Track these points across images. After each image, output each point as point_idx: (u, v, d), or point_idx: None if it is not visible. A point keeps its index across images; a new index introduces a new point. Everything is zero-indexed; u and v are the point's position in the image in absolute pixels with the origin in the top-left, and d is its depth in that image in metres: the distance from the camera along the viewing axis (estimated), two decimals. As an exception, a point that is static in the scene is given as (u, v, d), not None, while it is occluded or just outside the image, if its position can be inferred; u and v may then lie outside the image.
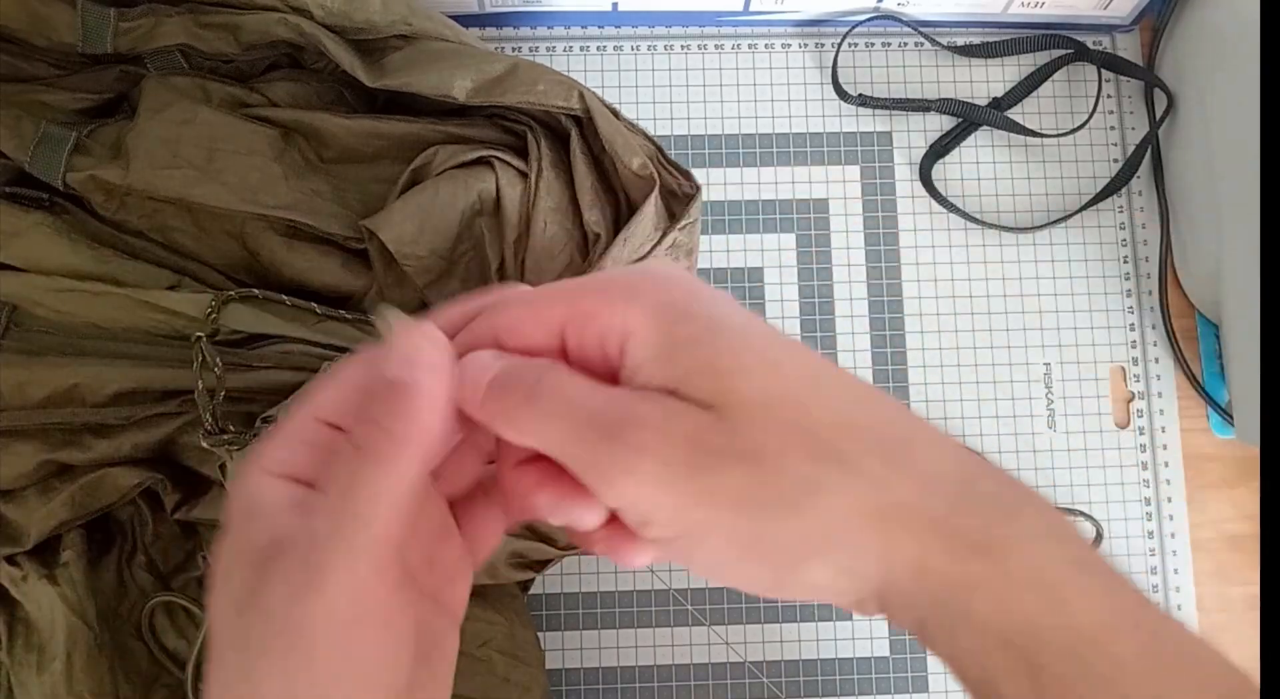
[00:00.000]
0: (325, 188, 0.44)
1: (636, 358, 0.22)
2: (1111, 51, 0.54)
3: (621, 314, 0.22)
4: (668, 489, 0.21)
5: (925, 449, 0.22)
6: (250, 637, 0.21)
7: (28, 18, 0.41)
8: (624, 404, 0.21)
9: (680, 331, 0.22)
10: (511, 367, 0.23)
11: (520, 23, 0.52)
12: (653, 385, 0.22)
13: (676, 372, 0.21)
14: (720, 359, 0.21)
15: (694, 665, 0.47)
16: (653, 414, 0.21)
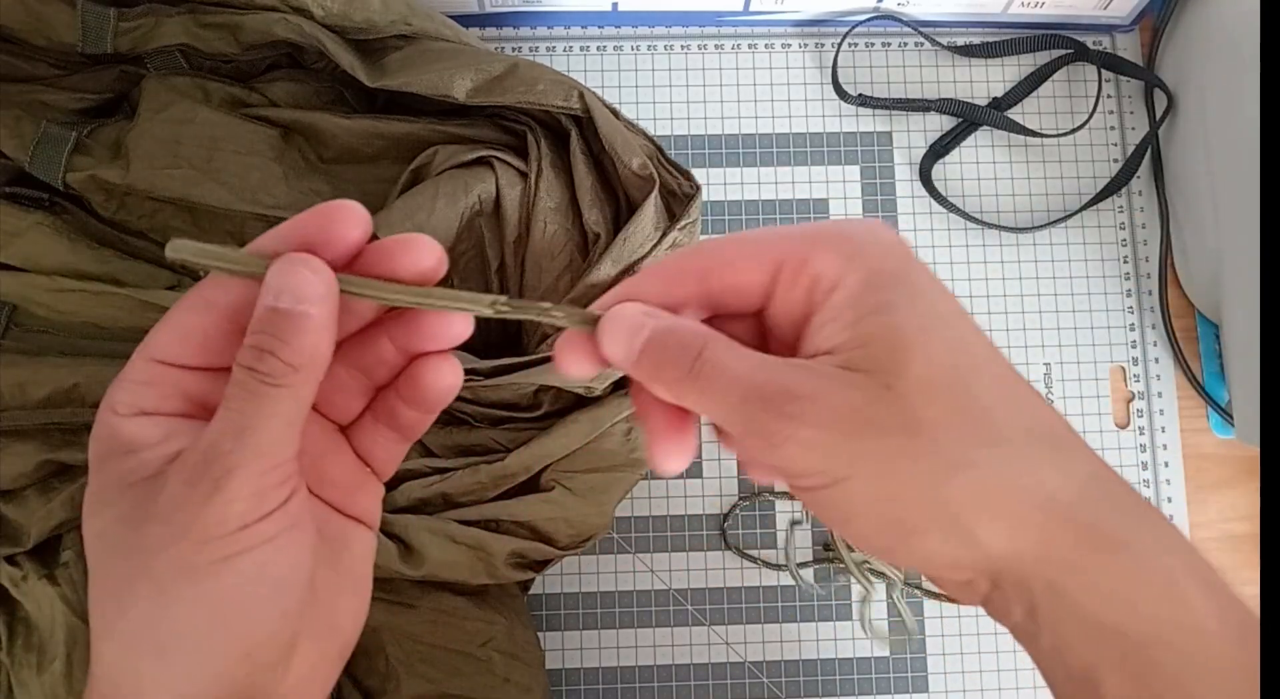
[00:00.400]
0: (325, 188, 0.44)
1: (834, 308, 0.23)
2: (1111, 51, 0.54)
3: (839, 267, 0.23)
4: (823, 452, 0.22)
5: (1069, 449, 0.23)
6: (146, 545, 0.22)
7: (28, 18, 0.41)
8: (787, 376, 0.22)
9: (880, 298, 0.23)
10: (669, 332, 0.24)
11: (520, 23, 0.52)
12: (834, 341, 0.23)
13: (860, 333, 0.22)
14: (904, 334, 0.22)
15: (694, 665, 0.47)
16: (815, 386, 0.22)
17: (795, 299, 0.24)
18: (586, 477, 0.42)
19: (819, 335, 0.23)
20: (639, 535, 0.48)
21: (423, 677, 0.41)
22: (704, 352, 0.23)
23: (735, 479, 0.49)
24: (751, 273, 0.24)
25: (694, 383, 0.23)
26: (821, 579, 0.48)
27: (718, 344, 0.23)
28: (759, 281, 0.24)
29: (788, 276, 0.24)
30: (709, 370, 0.23)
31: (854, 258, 0.23)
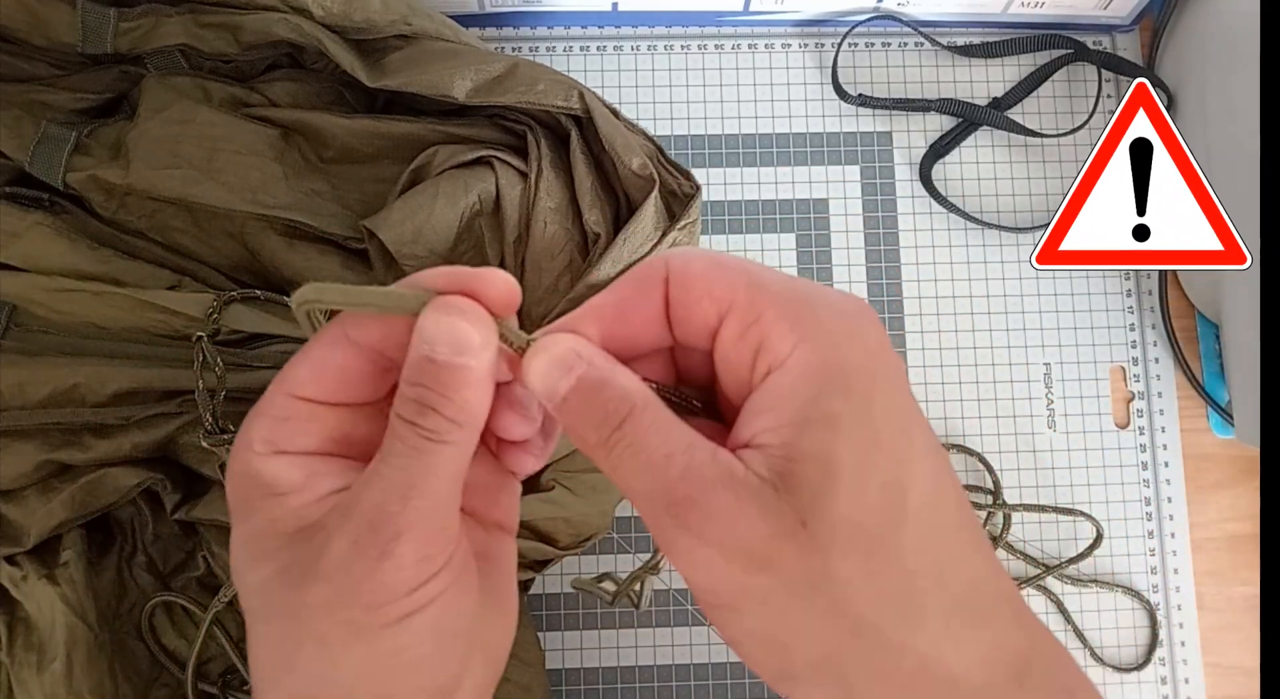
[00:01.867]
0: (325, 188, 0.44)
1: (774, 397, 0.21)
2: (1111, 51, 0.54)
3: (790, 342, 0.21)
4: (717, 577, 0.21)
5: (997, 623, 0.21)
6: (311, 606, 0.21)
7: (28, 18, 0.41)
8: (701, 480, 0.20)
9: (824, 407, 0.20)
10: (596, 388, 0.22)
11: (520, 23, 0.52)
12: (766, 440, 0.21)
13: (793, 445, 0.20)
14: (837, 465, 0.20)
15: (694, 665, 0.47)
16: (726, 503, 0.20)
17: (738, 358, 0.22)
18: (586, 477, 0.42)
19: (755, 420, 0.21)
20: (639, 535, 0.48)
21: (423, 677, 0.41)
22: (625, 424, 0.21)
23: (735, 479, 0.49)
24: (704, 302, 0.22)
25: (606, 454, 0.21)
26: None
27: (642, 418, 0.21)
28: (709, 318, 0.22)
29: (734, 328, 0.22)
30: (624, 448, 0.21)
31: (810, 337, 0.21)
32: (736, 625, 0.21)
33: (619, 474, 0.21)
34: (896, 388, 0.21)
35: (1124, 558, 0.50)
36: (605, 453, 0.21)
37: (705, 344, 0.23)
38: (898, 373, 0.22)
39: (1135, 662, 0.49)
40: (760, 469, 0.20)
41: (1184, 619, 0.49)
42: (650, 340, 0.24)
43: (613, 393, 0.22)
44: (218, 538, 0.42)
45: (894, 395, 0.21)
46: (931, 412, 0.50)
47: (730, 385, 0.23)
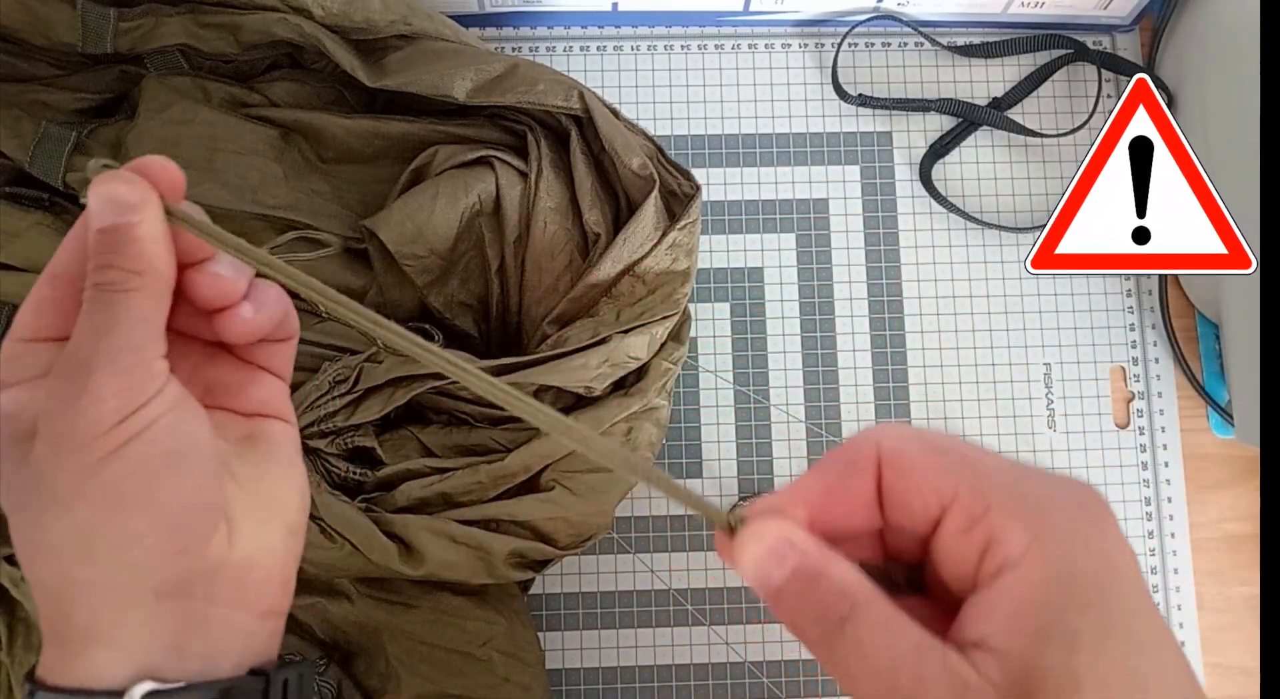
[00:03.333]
0: (325, 188, 0.44)
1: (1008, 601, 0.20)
2: (1111, 51, 0.54)
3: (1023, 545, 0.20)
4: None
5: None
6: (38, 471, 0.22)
7: (28, 18, 0.41)
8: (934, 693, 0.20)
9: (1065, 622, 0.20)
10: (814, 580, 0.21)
11: (520, 23, 0.52)
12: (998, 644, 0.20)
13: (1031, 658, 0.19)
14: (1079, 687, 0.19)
15: (694, 665, 0.47)
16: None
17: (963, 551, 0.21)
18: (586, 477, 0.42)
19: (985, 622, 0.20)
20: (639, 535, 0.48)
21: (423, 677, 0.41)
22: (847, 624, 0.20)
23: (735, 479, 0.49)
24: (925, 489, 0.22)
25: (829, 652, 0.21)
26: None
27: (866, 615, 0.20)
28: (930, 506, 0.22)
29: (959, 521, 0.21)
30: (848, 650, 0.20)
31: (1044, 539, 0.20)
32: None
33: (841, 673, 0.21)
34: (1137, 596, 0.21)
35: (1124, 558, 0.50)
36: (828, 651, 0.21)
37: (924, 531, 0.22)
38: (1135, 576, 0.21)
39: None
40: (994, 676, 0.20)
41: (1184, 619, 0.49)
42: (860, 522, 0.23)
43: (831, 587, 0.21)
44: None
45: (1135, 605, 0.20)
46: (932, 412, 0.50)
47: (949, 572, 0.22)
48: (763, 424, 0.49)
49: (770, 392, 0.50)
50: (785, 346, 0.50)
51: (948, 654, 0.20)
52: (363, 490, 0.42)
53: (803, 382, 0.50)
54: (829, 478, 0.23)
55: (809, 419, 0.49)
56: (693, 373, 0.50)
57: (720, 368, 0.50)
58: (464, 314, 0.45)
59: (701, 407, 0.49)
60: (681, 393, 0.49)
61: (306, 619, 0.42)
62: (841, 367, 0.50)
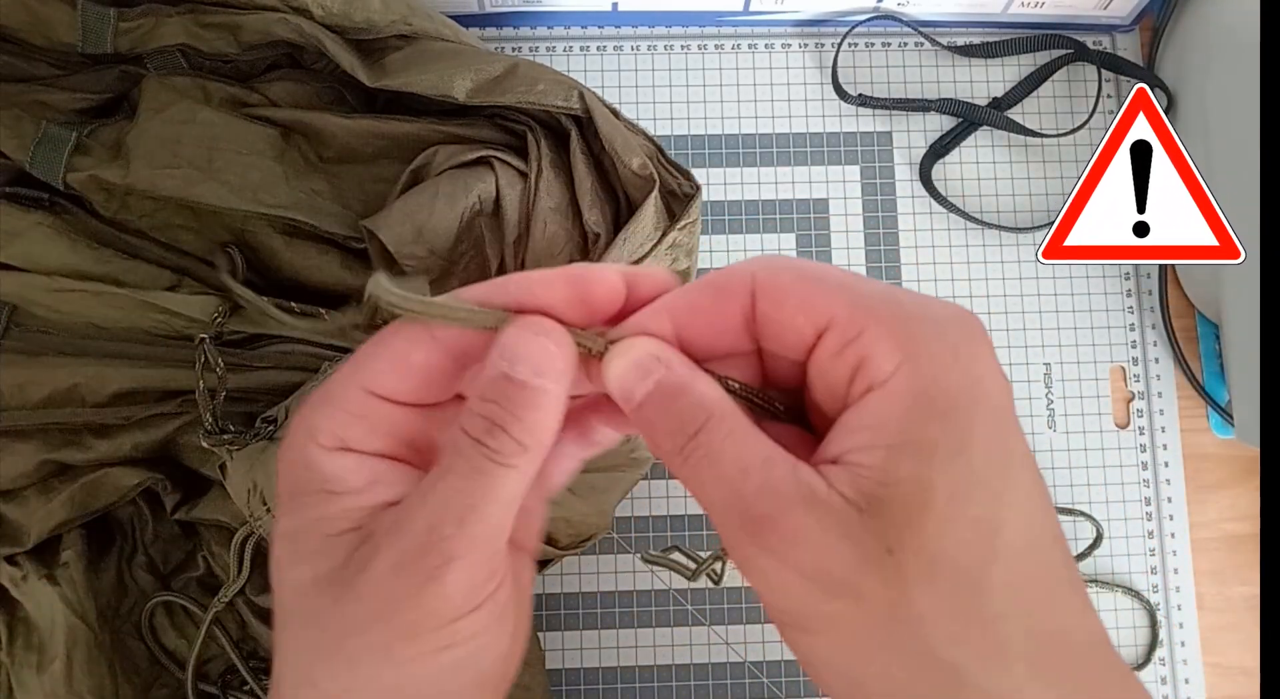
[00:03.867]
0: (325, 187, 0.44)
1: (871, 417, 0.20)
2: (1111, 51, 0.54)
3: (893, 361, 0.20)
4: (792, 599, 0.20)
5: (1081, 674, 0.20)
6: (345, 622, 0.20)
7: (28, 18, 0.41)
8: (781, 498, 0.19)
9: (923, 434, 0.19)
10: (674, 393, 0.21)
11: (520, 23, 0.52)
12: (857, 459, 0.20)
13: (887, 470, 0.19)
14: (932, 496, 0.19)
15: (694, 665, 0.47)
16: (807, 525, 0.19)
17: (835, 374, 0.21)
18: (586, 477, 0.42)
19: (847, 437, 0.20)
20: (639, 536, 0.48)
21: (423, 677, 0.41)
22: (700, 433, 0.21)
23: (735, 479, 0.49)
24: (798, 318, 0.21)
25: (681, 463, 0.21)
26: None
27: (719, 427, 0.21)
28: (803, 333, 0.21)
29: (832, 344, 0.21)
30: (699, 458, 0.20)
31: (914, 357, 0.20)
32: (809, 648, 0.21)
33: (694, 485, 0.21)
34: (1001, 418, 0.20)
35: (1124, 558, 0.50)
36: (680, 461, 0.21)
37: (798, 356, 0.22)
38: (1003, 400, 0.20)
39: (1135, 662, 0.49)
40: (845, 489, 0.19)
41: (1184, 619, 0.49)
42: (727, 345, 0.23)
43: (689, 400, 0.21)
44: (218, 538, 0.42)
45: (997, 426, 0.20)
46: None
47: (823, 396, 0.22)
48: (763, 424, 0.49)
49: (770, 392, 0.49)
50: (785, 346, 0.50)
51: (799, 467, 0.20)
52: (363, 490, 0.42)
53: (803, 382, 0.50)
54: (696, 299, 0.22)
55: (809, 419, 0.49)
56: (693, 373, 0.49)
57: (720, 368, 0.50)
58: (464, 314, 0.45)
59: (701, 407, 0.49)
60: (681, 393, 0.49)
61: (306, 619, 0.42)
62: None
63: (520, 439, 0.20)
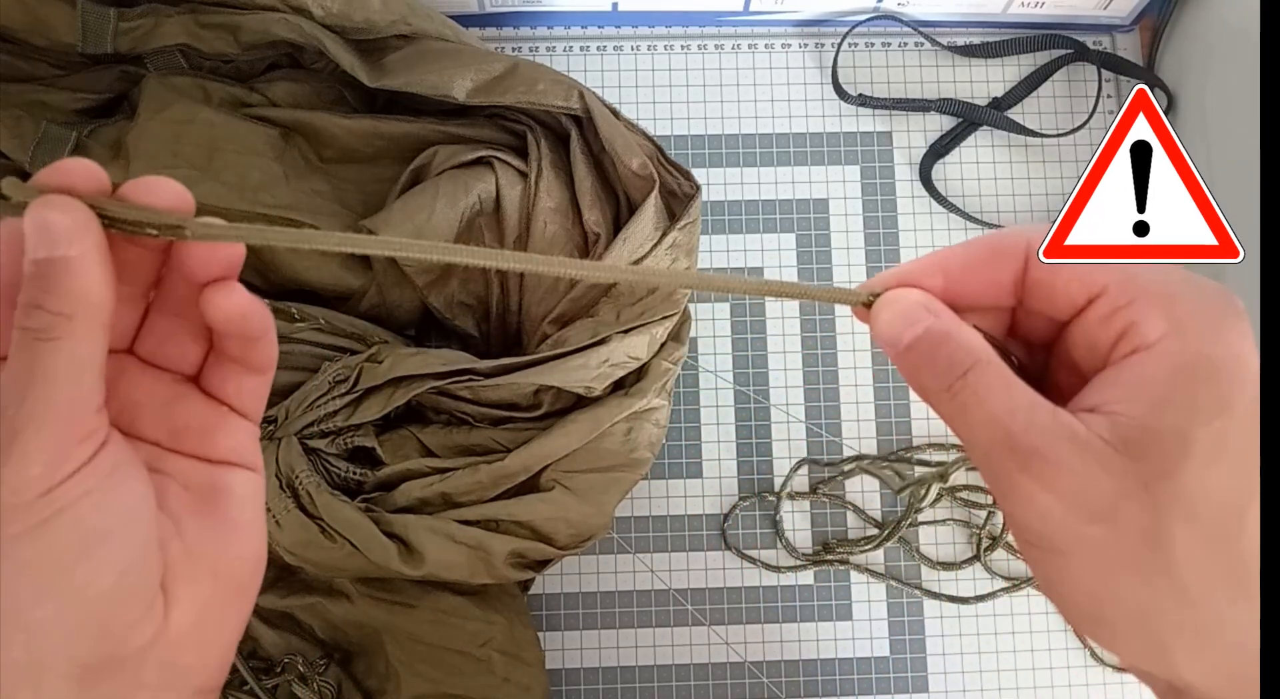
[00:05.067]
0: (325, 187, 0.44)
1: (1136, 375, 0.22)
2: (1111, 51, 0.54)
3: (1160, 331, 0.22)
4: (1052, 523, 0.21)
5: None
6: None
7: (28, 18, 0.41)
8: (1045, 433, 0.21)
9: (1187, 393, 0.21)
10: (941, 340, 0.23)
11: (520, 23, 0.52)
12: (1118, 408, 0.21)
13: (1150, 419, 0.21)
14: (1193, 447, 0.21)
15: (694, 665, 0.47)
16: (1070, 456, 0.21)
17: (1100, 336, 0.23)
18: (586, 476, 0.42)
19: (1106, 391, 0.22)
20: (639, 535, 0.48)
21: (423, 677, 0.41)
22: (969, 374, 0.23)
23: (735, 479, 0.49)
24: (1072, 285, 0.23)
25: (950, 402, 0.23)
26: (821, 579, 0.48)
27: (986, 371, 0.23)
28: (1075, 299, 0.23)
29: (1102, 310, 0.23)
30: (966, 397, 0.22)
31: (1181, 327, 0.22)
32: (1060, 569, 0.22)
33: (959, 419, 0.23)
34: (1254, 393, 0.22)
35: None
36: (949, 398, 0.23)
37: (1062, 317, 0.24)
38: (1254, 382, 0.22)
39: (1135, 662, 0.49)
40: (1101, 431, 0.21)
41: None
42: (988, 301, 0.25)
43: (957, 346, 0.23)
44: None
45: (1251, 399, 0.22)
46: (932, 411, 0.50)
47: (1082, 354, 0.24)
48: (763, 424, 0.49)
49: (770, 392, 0.49)
50: (785, 347, 0.50)
51: (1058, 410, 0.22)
52: (363, 490, 0.42)
53: (803, 382, 0.50)
54: (972, 257, 0.25)
55: (809, 419, 0.49)
56: (693, 373, 0.50)
57: (720, 368, 0.50)
58: (464, 314, 0.45)
59: (701, 406, 0.49)
60: (681, 393, 0.49)
61: (306, 619, 0.42)
62: (841, 367, 0.50)
63: (58, 310, 0.21)
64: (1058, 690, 0.48)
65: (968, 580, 0.48)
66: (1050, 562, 0.22)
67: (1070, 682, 0.48)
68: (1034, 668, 0.48)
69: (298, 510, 0.39)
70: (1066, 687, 0.48)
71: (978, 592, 0.48)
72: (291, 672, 0.41)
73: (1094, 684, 0.48)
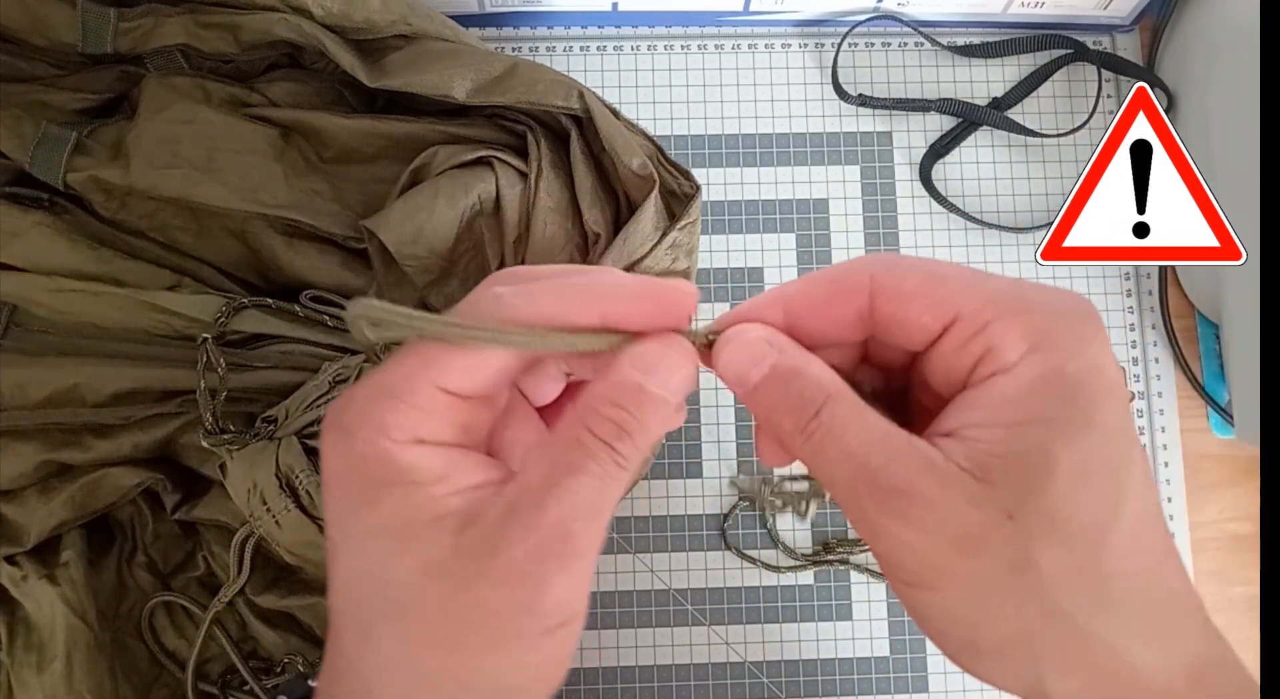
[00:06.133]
0: (325, 187, 0.44)
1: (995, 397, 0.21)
2: (1111, 51, 0.54)
3: (1019, 351, 0.21)
4: (919, 560, 0.21)
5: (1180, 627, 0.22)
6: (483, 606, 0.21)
7: (28, 18, 0.41)
8: (904, 468, 0.21)
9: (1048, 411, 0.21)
10: (790, 377, 0.22)
11: (520, 23, 0.52)
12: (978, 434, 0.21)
13: (1010, 443, 0.21)
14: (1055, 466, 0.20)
15: (694, 665, 0.47)
16: (932, 491, 0.21)
17: (957, 363, 0.22)
18: (586, 477, 0.42)
19: (965, 414, 0.22)
20: (639, 535, 0.48)
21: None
22: (822, 411, 0.22)
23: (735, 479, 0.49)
24: (924, 317, 0.23)
25: (805, 442, 0.22)
26: (821, 579, 0.48)
27: (839, 405, 0.22)
28: (929, 329, 0.23)
29: (959, 336, 0.22)
30: (822, 435, 0.22)
31: (1040, 347, 0.21)
32: (929, 603, 0.22)
33: (816, 460, 0.22)
34: (1120, 403, 0.22)
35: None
36: (803, 440, 0.22)
37: (916, 348, 0.23)
38: (1121, 388, 0.22)
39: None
40: (960, 459, 0.21)
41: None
42: (834, 337, 0.24)
43: (807, 382, 0.22)
44: (218, 538, 0.42)
45: (1117, 410, 0.21)
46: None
47: (939, 380, 0.23)
48: (763, 424, 0.49)
49: (770, 392, 0.49)
50: (785, 346, 0.50)
51: (914, 440, 0.22)
52: (363, 490, 0.42)
53: (803, 381, 0.50)
54: (813, 292, 0.24)
55: (809, 419, 0.49)
56: (693, 373, 0.49)
57: (720, 368, 0.50)
58: (464, 314, 0.45)
59: (702, 406, 0.49)
60: (681, 393, 0.49)
61: (306, 619, 0.42)
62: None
63: (641, 447, 0.22)
64: (1058, 690, 0.48)
65: (968, 580, 0.48)
66: (921, 597, 0.22)
67: (1070, 682, 0.48)
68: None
69: (298, 510, 0.39)
70: (1066, 687, 0.48)
71: (978, 592, 0.48)
72: (291, 671, 0.41)
73: (1094, 684, 0.48)
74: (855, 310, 0.23)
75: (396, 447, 0.21)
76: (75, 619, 0.39)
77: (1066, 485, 0.20)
